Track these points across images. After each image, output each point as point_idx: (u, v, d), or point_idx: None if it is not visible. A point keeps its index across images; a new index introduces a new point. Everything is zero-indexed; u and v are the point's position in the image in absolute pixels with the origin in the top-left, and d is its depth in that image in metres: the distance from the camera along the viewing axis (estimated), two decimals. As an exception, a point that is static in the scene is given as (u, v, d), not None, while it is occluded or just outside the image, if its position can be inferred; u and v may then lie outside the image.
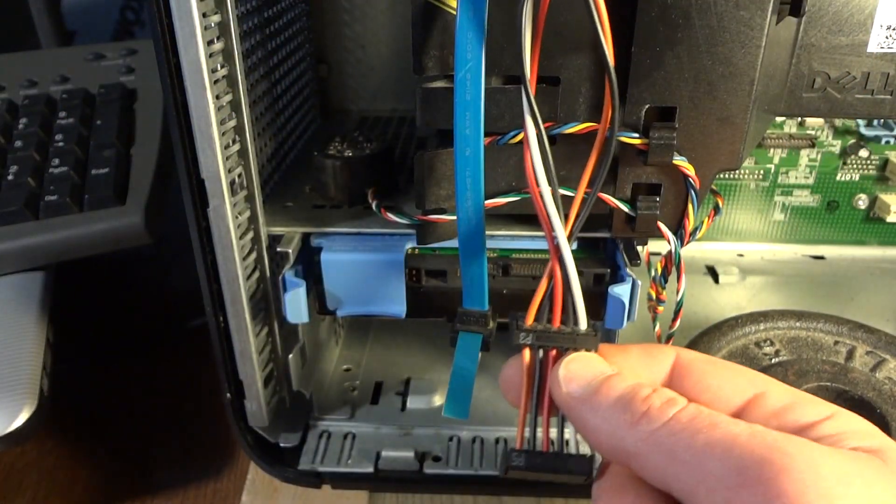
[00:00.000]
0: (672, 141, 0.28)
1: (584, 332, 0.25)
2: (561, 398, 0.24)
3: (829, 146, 0.51)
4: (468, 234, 0.27)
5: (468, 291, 0.28)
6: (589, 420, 0.23)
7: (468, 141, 0.26)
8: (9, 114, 0.49)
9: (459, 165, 0.26)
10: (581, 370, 0.24)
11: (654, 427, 0.21)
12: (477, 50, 0.24)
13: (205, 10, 0.28)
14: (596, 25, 0.24)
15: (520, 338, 0.26)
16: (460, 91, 0.25)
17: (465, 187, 0.26)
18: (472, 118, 0.25)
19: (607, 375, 0.24)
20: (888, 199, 0.52)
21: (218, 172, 0.30)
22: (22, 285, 0.42)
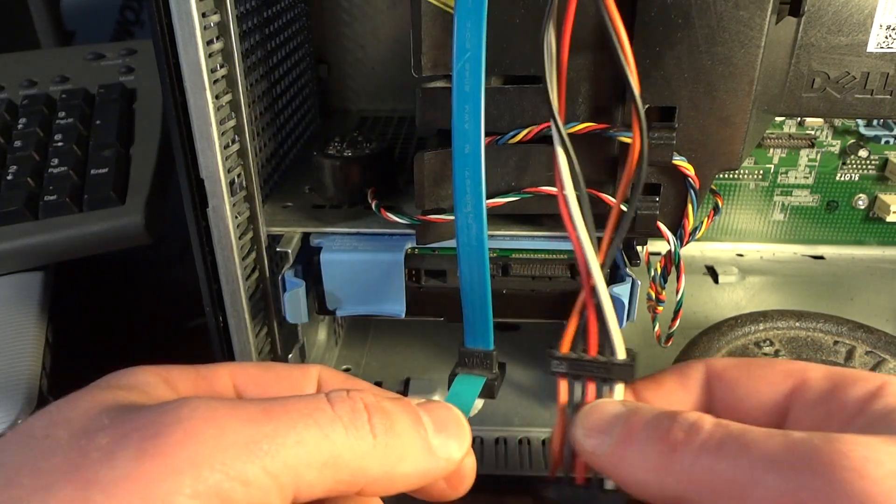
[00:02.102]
0: (672, 141, 0.28)
1: (619, 362, 0.24)
2: (588, 458, 0.22)
3: (829, 146, 0.51)
4: (468, 246, 0.24)
5: (470, 325, 0.25)
6: (622, 474, 0.21)
7: (467, 137, 0.23)
8: (8, 114, 0.49)
9: (458, 165, 0.23)
10: (595, 423, 0.22)
11: (687, 465, 0.19)
12: (477, 39, 0.23)
13: (204, 10, 0.28)
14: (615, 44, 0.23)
15: (553, 366, 0.24)
16: (459, 83, 0.23)
17: (465, 189, 0.24)
18: (471, 112, 0.23)
19: (624, 418, 0.22)
20: (888, 199, 0.52)
21: (217, 172, 0.30)
22: (21, 285, 0.42)
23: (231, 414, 0.17)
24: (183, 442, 0.16)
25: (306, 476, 0.18)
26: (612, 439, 0.21)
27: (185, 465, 0.16)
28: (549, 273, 0.34)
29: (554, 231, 0.34)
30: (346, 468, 0.18)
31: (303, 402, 0.19)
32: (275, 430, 0.17)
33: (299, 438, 0.18)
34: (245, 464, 0.16)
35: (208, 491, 0.16)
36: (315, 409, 0.18)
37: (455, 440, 0.21)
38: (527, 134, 0.30)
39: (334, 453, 0.18)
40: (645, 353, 0.42)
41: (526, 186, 0.31)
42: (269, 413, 0.18)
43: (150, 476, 0.16)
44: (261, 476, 0.17)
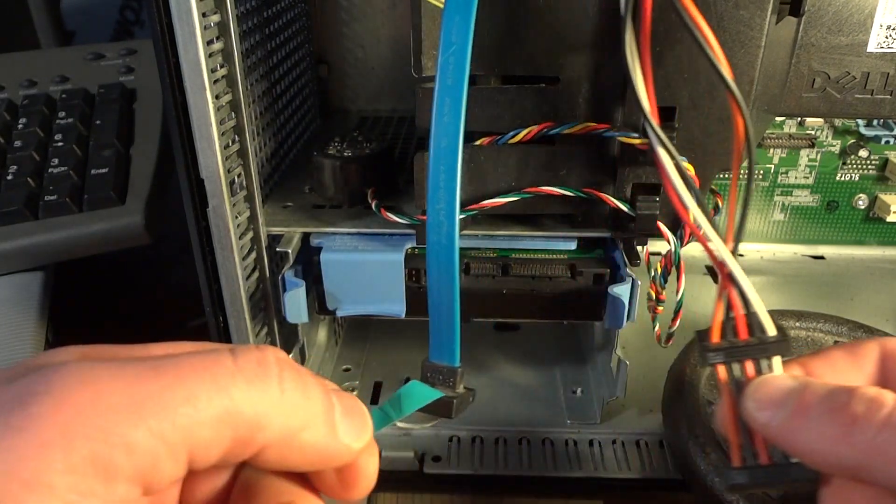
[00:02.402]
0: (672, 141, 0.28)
1: (773, 338, 0.24)
2: (760, 429, 0.23)
3: (829, 146, 0.51)
4: (438, 245, 0.23)
5: (436, 335, 0.24)
6: (797, 444, 0.21)
7: (445, 131, 0.22)
8: (8, 114, 0.49)
9: (433, 160, 0.22)
10: (767, 396, 0.23)
11: (869, 436, 0.19)
12: (463, 33, 0.22)
13: (204, 10, 0.28)
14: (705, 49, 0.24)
15: (709, 358, 0.25)
16: (442, 75, 0.22)
17: (438, 185, 0.23)
18: (451, 105, 0.22)
19: (798, 392, 0.22)
20: (888, 199, 0.52)
21: (217, 172, 0.30)
22: (21, 285, 0.42)
23: (112, 374, 0.16)
24: (52, 411, 0.15)
25: (200, 434, 0.16)
26: (786, 412, 0.22)
27: (56, 436, 0.14)
28: (549, 273, 0.34)
29: (554, 231, 0.34)
30: (244, 424, 0.17)
31: (199, 357, 0.17)
32: (162, 388, 0.16)
33: (189, 394, 0.16)
34: (127, 427, 0.15)
35: (84, 462, 0.14)
36: (214, 362, 0.17)
37: (357, 428, 0.20)
38: (527, 134, 0.30)
39: (231, 408, 0.16)
40: (645, 353, 0.42)
41: (526, 186, 0.31)
42: (157, 370, 0.16)
43: (16, 452, 0.14)
44: (146, 439, 0.15)
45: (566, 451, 0.37)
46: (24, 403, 0.15)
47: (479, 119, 0.30)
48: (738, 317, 0.25)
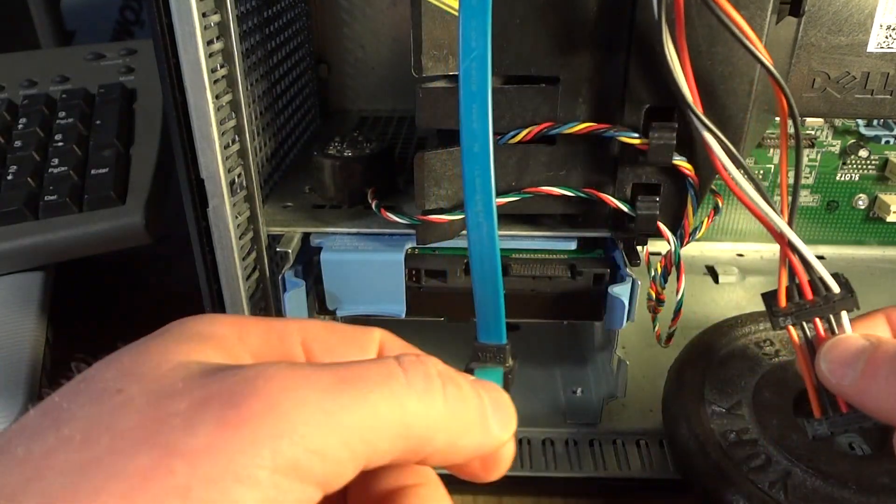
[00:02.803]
0: (672, 141, 0.28)
1: (838, 296, 0.26)
2: (834, 389, 0.25)
3: (829, 146, 0.51)
4: (480, 247, 0.24)
5: (483, 322, 0.26)
6: (867, 402, 0.23)
7: (476, 136, 0.23)
8: (8, 114, 0.49)
9: (467, 164, 0.23)
10: (839, 357, 0.25)
11: None
12: (482, 38, 0.22)
13: (204, 10, 0.28)
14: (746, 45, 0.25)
15: (780, 322, 0.27)
16: (465, 82, 0.23)
17: (475, 188, 0.23)
18: (478, 110, 0.23)
19: (868, 351, 0.24)
20: (888, 199, 0.52)
21: (217, 172, 0.30)
22: (21, 285, 0.42)
23: (307, 383, 0.17)
24: (262, 413, 0.16)
25: (380, 446, 0.17)
26: (857, 372, 0.23)
27: (266, 437, 0.15)
28: (549, 273, 0.34)
29: (554, 231, 0.34)
30: (416, 437, 0.18)
31: (376, 369, 0.18)
32: (351, 400, 0.17)
33: (375, 409, 0.17)
34: (324, 436, 0.16)
35: (287, 464, 0.16)
36: (389, 375, 0.18)
37: (506, 420, 0.21)
38: (527, 134, 0.30)
39: (407, 423, 0.18)
40: (645, 353, 0.42)
41: (526, 186, 0.31)
42: (344, 381, 0.17)
43: (231, 447, 0.15)
44: (338, 448, 0.16)
45: (566, 451, 0.37)
46: (236, 404, 0.16)
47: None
48: (801, 280, 0.27)
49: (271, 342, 0.21)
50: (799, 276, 0.27)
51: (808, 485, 0.30)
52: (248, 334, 0.21)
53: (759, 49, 0.25)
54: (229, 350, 0.20)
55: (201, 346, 0.19)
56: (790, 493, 0.30)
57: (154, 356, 0.18)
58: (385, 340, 0.24)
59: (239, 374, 0.17)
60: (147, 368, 0.17)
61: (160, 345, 0.18)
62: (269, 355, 0.21)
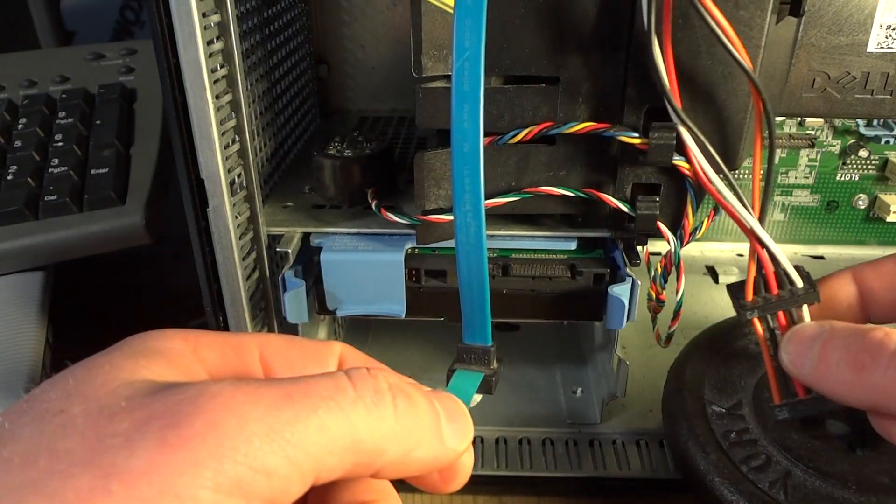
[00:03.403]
0: (672, 141, 0.28)
1: (802, 290, 0.28)
2: (799, 379, 0.27)
3: (829, 146, 0.51)
4: (468, 247, 0.24)
5: (468, 323, 0.26)
6: (824, 389, 0.25)
7: (466, 136, 0.23)
8: (8, 114, 0.49)
9: (456, 164, 0.23)
10: (796, 347, 0.26)
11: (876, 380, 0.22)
12: (476, 38, 0.23)
13: (204, 10, 0.28)
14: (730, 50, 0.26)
15: (746, 314, 0.28)
16: (458, 81, 0.23)
17: (463, 188, 0.23)
18: (470, 110, 0.23)
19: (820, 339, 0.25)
20: (888, 199, 0.52)
21: (217, 172, 0.30)
22: (22, 285, 0.42)
23: (251, 400, 0.17)
24: (204, 433, 0.16)
25: (328, 462, 0.17)
26: (813, 360, 0.25)
27: (207, 456, 0.15)
28: (549, 273, 0.34)
29: (554, 231, 0.34)
30: (365, 452, 0.18)
31: (323, 383, 0.18)
32: (296, 415, 0.17)
33: (321, 424, 0.17)
34: (267, 454, 0.16)
35: (230, 483, 0.15)
36: (336, 389, 0.18)
37: (461, 432, 0.21)
38: (527, 134, 0.30)
39: (356, 437, 0.18)
40: (645, 353, 0.42)
41: (526, 186, 0.31)
42: (290, 397, 0.17)
43: (171, 468, 0.15)
44: (283, 466, 0.16)
45: (566, 451, 0.37)
46: (177, 424, 0.16)
47: (480, 119, 0.30)
48: (768, 273, 0.28)
49: (227, 356, 0.21)
50: (766, 270, 0.28)
51: (808, 485, 0.30)
52: (202, 348, 0.20)
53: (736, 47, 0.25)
54: (182, 366, 0.19)
55: (151, 362, 0.19)
56: (790, 493, 0.30)
57: (100, 374, 0.18)
58: (345, 354, 0.24)
59: (182, 392, 0.17)
60: (91, 388, 0.17)
61: (108, 362, 0.18)
62: (225, 370, 0.20)
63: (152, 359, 0.19)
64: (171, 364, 0.19)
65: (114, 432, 0.16)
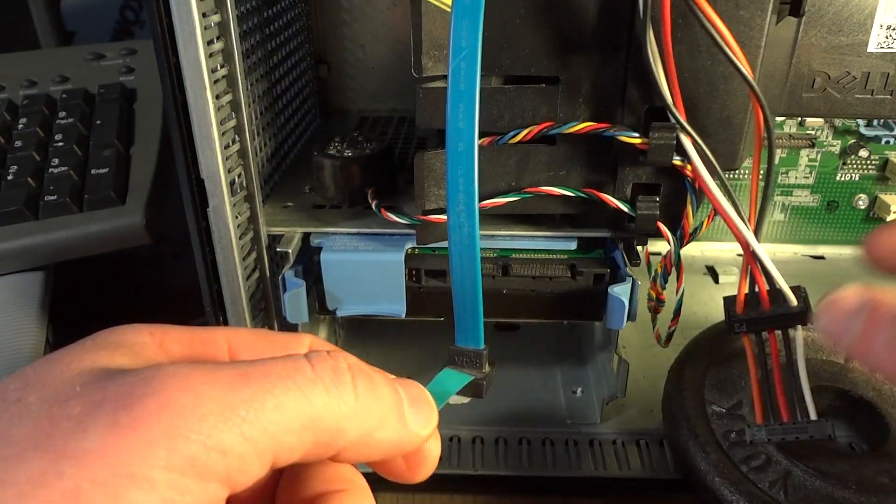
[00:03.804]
0: (672, 141, 0.28)
1: (795, 309, 0.27)
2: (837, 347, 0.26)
3: (829, 146, 0.51)
4: (460, 248, 0.24)
5: (461, 325, 0.25)
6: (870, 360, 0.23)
7: (461, 135, 0.23)
8: (9, 114, 0.49)
9: (451, 163, 0.23)
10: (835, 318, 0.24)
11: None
12: (472, 38, 0.23)
13: (204, 10, 0.28)
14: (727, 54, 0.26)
15: (736, 328, 0.28)
16: (454, 81, 0.23)
17: (458, 188, 0.23)
18: (465, 110, 0.23)
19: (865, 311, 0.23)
20: (888, 199, 0.52)
21: (218, 172, 0.30)
22: (22, 285, 0.42)
23: (207, 380, 0.17)
24: (157, 412, 0.16)
25: (286, 440, 0.17)
26: (854, 335, 0.23)
27: (160, 436, 0.15)
28: (549, 273, 0.34)
29: (554, 231, 0.34)
30: (325, 430, 0.18)
31: (281, 364, 0.18)
32: (252, 394, 0.17)
33: (278, 402, 0.17)
34: (222, 432, 0.16)
35: (184, 462, 0.15)
36: (295, 370, 0.18)
37: (425, 417, 0.21)
38: (527, 134, 0.30)
39: (314, 416, 0.17)
40: (645, 353, 0.42)
41: (526, 186, 0.31)
42: (246, 377, 0.17)
43: (123, 448, 0.15)
44: (239, 444, 0.16)
45: (566, 451, 0.37)
46: (130, 405, 0.16)
47: (480, 119, 0.29)
48: (761, 289, 0.27)
49: (195, 349, 0.21)
50: (759, 286, 0.28)
51: (808, 485, 0.30)
52: (169, 342, 0.20)
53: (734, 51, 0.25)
54: (145, 356, 0.19)
55: (113, 353, 0.18)
56: (790, 493, 0.30)
57: (59, 365, 0.18)
58: (315, 346, 0.23)
59: (137, 374, 0.17)
60: (49, 377, 0.17)
61: (69, 354, 0.18)
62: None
63: (114, 350, 0.19)
64: (135, 355, 0.19)
65: (67, 415, 0.16)
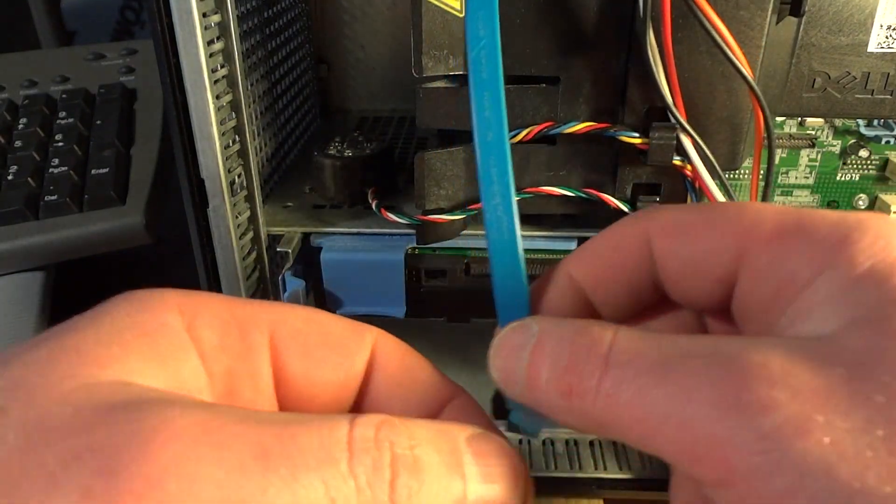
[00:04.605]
0: (672, 141, 0.28)
1: None
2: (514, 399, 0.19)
3: (829, 146, 0.51)
4: (500, 242, 0.22)
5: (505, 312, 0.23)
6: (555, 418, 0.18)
7: (489, 124, 0.22)
8: (9, 114, 0.49)
9: (482, 155, 0.22)
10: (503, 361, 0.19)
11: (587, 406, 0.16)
12: (490, 26, 0.22)
13: (205, 10, 0.28)
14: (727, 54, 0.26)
15: None
16: (475, 70, 0.22)
17: (491, 180, 0.22)
18: (491, 98, 0.22)
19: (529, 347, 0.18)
20: (888, 199, 0.52)
21: (218, 172, 0.30)
22: (22, 285, 0.42)
23: (216, 456, 0.13)
24: (140, 494, 0.13)
25: None
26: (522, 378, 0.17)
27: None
28: (549, 273, 0.34)
29: (554, 231, 0.34)
30: None
31: (314, 445, 0.14)
32: (265, 487, 0.13)
33: (295, 500, 0.14)
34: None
35: None
36: (327, 460, 0.14)
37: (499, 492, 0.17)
38: (527, 134, 0.30)
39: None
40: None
41: (526, 186, 0.31)
42: (266, 458, 0.14)
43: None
44: None
45: (566, 451, 0.37)
46: (112, 471, 0.13)
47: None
48: None
49: (229, 338, 0.17)
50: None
51: None
52: (200, 326, 0.17)
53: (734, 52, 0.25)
54: (168, 353, 0.16)
55: (129, 351, 0.15)
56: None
57: (61, 364, 0.15)
58: (380, 347, 0.20)
59: (135, 421, 0.13)
60: (45, 383, 0.14)
61: (76, 347, 0.15)
62: (223, 357, 0.17)
63: (132, 344, 0.16)
64: (155, 352, 0.16)
65: (40, 463, 0.13)
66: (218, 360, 0.17)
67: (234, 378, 0.17)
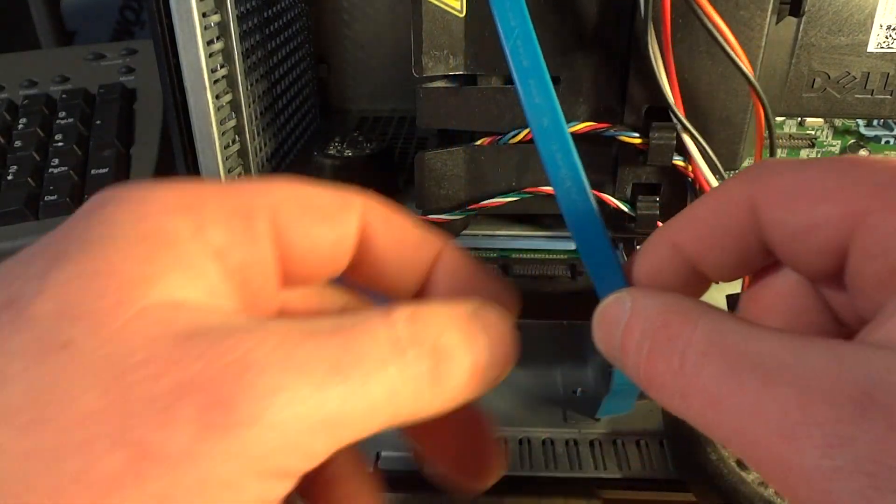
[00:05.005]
0: (672, 141, 0.28)
1: None
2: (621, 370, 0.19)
3: (829, 146, 0.51)
4: (578, 217, 0.22)
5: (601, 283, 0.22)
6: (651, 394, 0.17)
7: (542, 111, 0.22)
8: (9, 114, 0.49)
9: (542, 143, 0.22)
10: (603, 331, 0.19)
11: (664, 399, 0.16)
12: (520, 15, 0.22)
13: (204, 10, 0.28)
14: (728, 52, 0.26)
15: None
16: (516, 61, 0.22)
17: (557, 164, 0.22)
18: (537, 84, 0.22)
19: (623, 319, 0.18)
20: (888, 199, 0.52)
21: (218, 172, 0.30)
22: (22, 285, 0.42)
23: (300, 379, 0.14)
24: (250, 422, 0.14)
25: (363, 433, 0.16)
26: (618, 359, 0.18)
27: (253, 445, 0.14)
28: (549, 273, 0.34)
29: (554, 231, 0.34)
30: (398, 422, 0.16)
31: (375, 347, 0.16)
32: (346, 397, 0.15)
33: (372, 405, 0.15)
34: (315, 443, 0.15)
35: (276, 470, 0.14)
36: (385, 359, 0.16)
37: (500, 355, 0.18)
38: (527, 134, 0.30)
39: (395, 413, 0.16)
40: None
41: (526, 186, 0.31)
42: (339, 371, 0.15)
43: (215, 456, 0.13)
44: (328, 449, 0.15)
45: (566, 451, 0.37)
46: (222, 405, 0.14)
47: (480, 119, 0.30)
48: None
49: (236, 232, 0.17)
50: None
51: None
52: (209, 228, 0.17)
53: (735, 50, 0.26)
54: (190, 263, 0.16)
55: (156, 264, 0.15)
56: (790, 493, 0.30)
57: (112, 282, 0.14)
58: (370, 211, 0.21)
59: (223, 354, 0.14)
60: (103, 306, 0.14)
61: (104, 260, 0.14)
62: (234, 253, 0.17)
63: (159, 260, 0.15)
64: (182, 265, 0.15)
65: (144, 395, 0.13)
66: (230, 257, 0.17)
67: (246, 269, 0.17)
